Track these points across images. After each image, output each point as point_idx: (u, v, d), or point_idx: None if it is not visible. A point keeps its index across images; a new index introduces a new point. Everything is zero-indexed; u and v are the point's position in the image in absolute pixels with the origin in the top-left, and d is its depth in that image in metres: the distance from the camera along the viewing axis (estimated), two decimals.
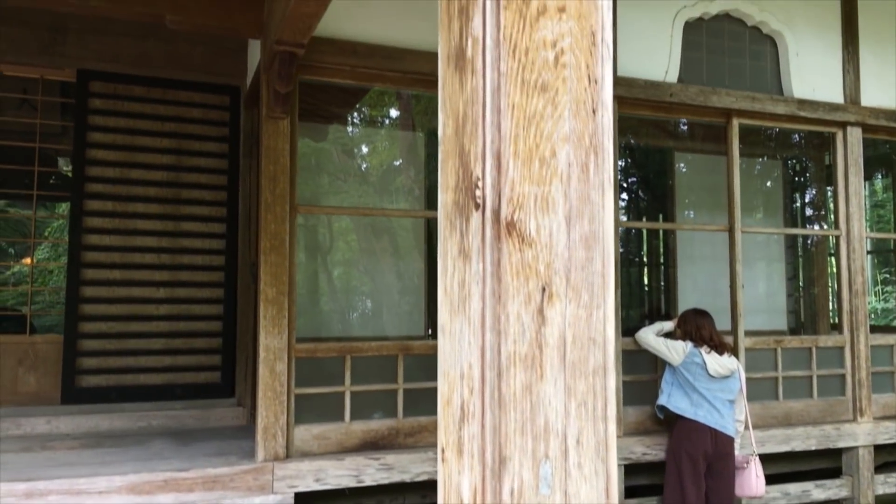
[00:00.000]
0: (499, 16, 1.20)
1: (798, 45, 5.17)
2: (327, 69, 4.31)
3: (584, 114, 1.24)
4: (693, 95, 4.83)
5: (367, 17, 4.37)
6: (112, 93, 4.85)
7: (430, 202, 6.16)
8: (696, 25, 5.01)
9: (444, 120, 1.36)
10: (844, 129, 5.21)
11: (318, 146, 6.88)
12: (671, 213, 6.81)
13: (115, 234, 4.81)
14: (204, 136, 5.06)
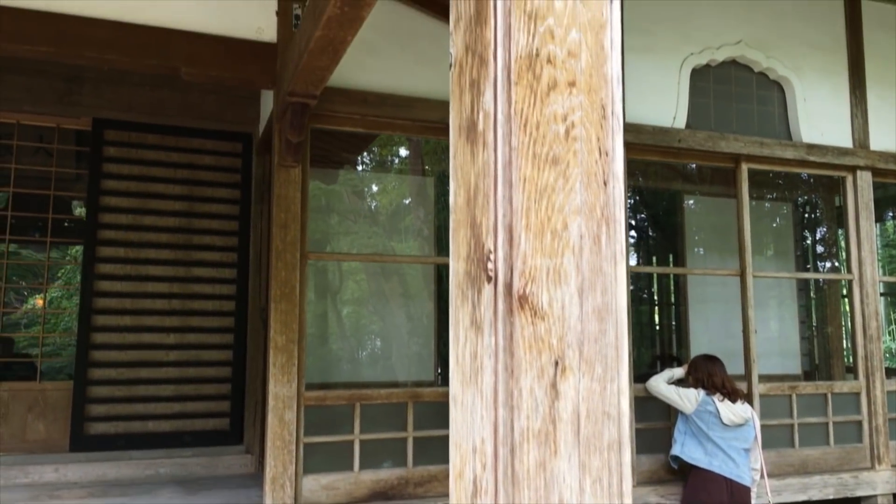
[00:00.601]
0: (510, 91, 1.22)
1: (805, 90, 5.20)
2: (338, 118, 4.37)
3: (595, 186, 1.25)
4: (701, 141, 4.85)
5: (377, 68, 4.44)
6: (126, 141, 4.92)
7: (440, 242, 6.17)
8: (703, 72, 5.06)
9: (456, 189, 1.37)
10: (854, 173, 5.21)
11: (329, 188, 6.94)
12: (681, 254, 6.79)
13: (127, 280, 4.83)
14: (216, 183, 5.11)
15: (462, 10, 1.36)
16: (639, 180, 7.04)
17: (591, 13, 1.26)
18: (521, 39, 1.22)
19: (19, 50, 3.76)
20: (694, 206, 7.26)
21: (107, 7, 3.89)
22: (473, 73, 1.31)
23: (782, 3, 5.22)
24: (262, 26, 4.23)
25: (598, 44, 1.27)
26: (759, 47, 5.12)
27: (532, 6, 1.23)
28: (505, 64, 1.23)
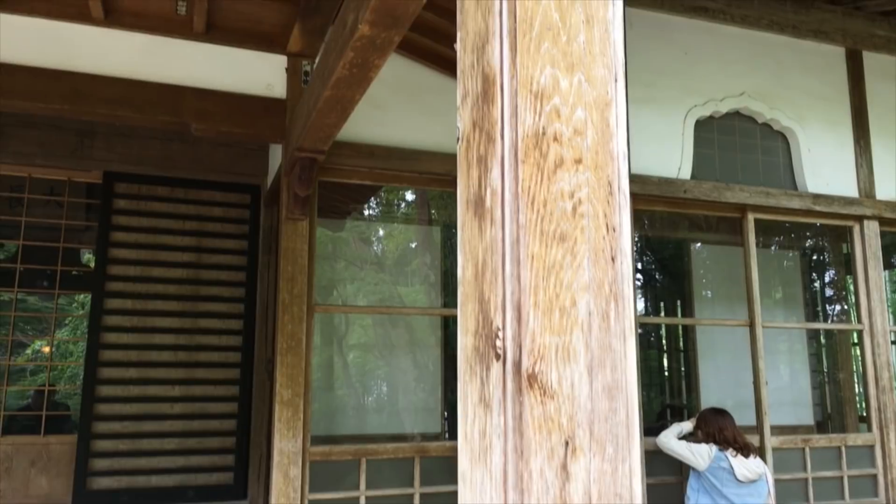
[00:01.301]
0: (517, 169, 1.23)
1: (809, 140, 5.24)
2: (346, 170, 4.41)
3: (602, 262, 1.25)
4: (707, 191, 4.87)
5: (383, 122, 4.50)
6: (136, 193, 4.97)
7: (446, 288, 6.16)
8: (707, 123, 5.11)
9: (464, 263, 1.37)
10: (861, 223, 5.21)
11: (335, 235, 6.97)
12: (689, 301, 6.76)
13: (134, 332, 4.83)
14: (224, 234, 5.15)
15: (469, 87, 1.38)
16: (644, 224, 7.05)
17: (596, 92, 1.28)
18: (528, 119, 1.24)
19: (33, 107, 3.83)
20: (701, 252, 7.26)
21: (119, 65, 3.97)
22: (481, 150, 1.32)
23: (784, 56, 5.29)
24: (272, 82, 4.31)
25: (604, 121, 1.28)
26: (762, 99, 5.18)
27: (538, 87, 1.25)
28: (512, 143, 1.24)
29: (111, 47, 3.97)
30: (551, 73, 1.26)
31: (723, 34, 5.15)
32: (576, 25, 1.28)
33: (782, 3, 5.20)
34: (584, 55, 1.28)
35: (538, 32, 1.26)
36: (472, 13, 1.39)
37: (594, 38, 1.29)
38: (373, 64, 2.80)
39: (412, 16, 2.43)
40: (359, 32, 2.53)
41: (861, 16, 5.41)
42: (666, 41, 5.01)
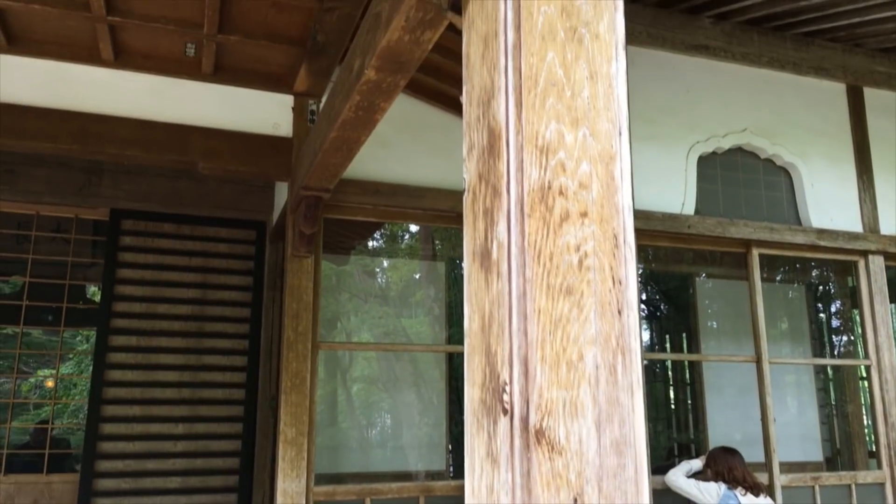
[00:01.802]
0: (523, 223, 1.24)
1: (812, 175, 5.26)
2: (351, 207, 4.44)
3: (609, 315, 1.25)
4: (711, 227, 4.87)
5: (389, 159, 4.54)
6: (143, 230, 5.00)
7: (451, 318, 6.15)
8: (709, 159, 5.14)
9: (471, 314, 1.37)
10: (866, 258, 5.20)
11: (340, 268, 6.98)
12: (695, 334, 6.73)
13: (138, 369, 4.82)
14: (229, 270, 5.16)
15: (475, 139, 1.40)
16: (649, 257, 7.05)
17: (601, 146, 1.29)
18: (534, 173, 1.25)
19: (42, 147, 3.88)
20: (706, 284, 7.24)
21: (128, 105, 4.03)
22: (487, 203, 1.33)
23: (785, 92, 5.34)
24: (279, 121, 4.35)
25: (609, 174, 1.29)
26: (765, 135, 5.21)
27: (544, 141, 1.26)
28: (518, 197, 1.25)
29: (120, 88, 4.03)
30: (556, 128, 1.27)
31: (724, 71, 5.20)
32: (580, 81, 1.30)
33: (782, 40, 5.26)
34: (588, 110, 1.30)
35: (543, 88, 1.28)
36: (477, 68, 1.42)
37: (598, 93, 1.31)
38: (378, 107, 2.83)
39: (418, 61, 2.46)
40: (365, 77, 2.57)
41: (861, 52, 5.47)
42: (668, 79, 5.07)
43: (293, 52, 4.00)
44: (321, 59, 3.99)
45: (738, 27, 5.13)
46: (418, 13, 2.13)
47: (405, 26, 2.21)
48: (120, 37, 3.84)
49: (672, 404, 7.80)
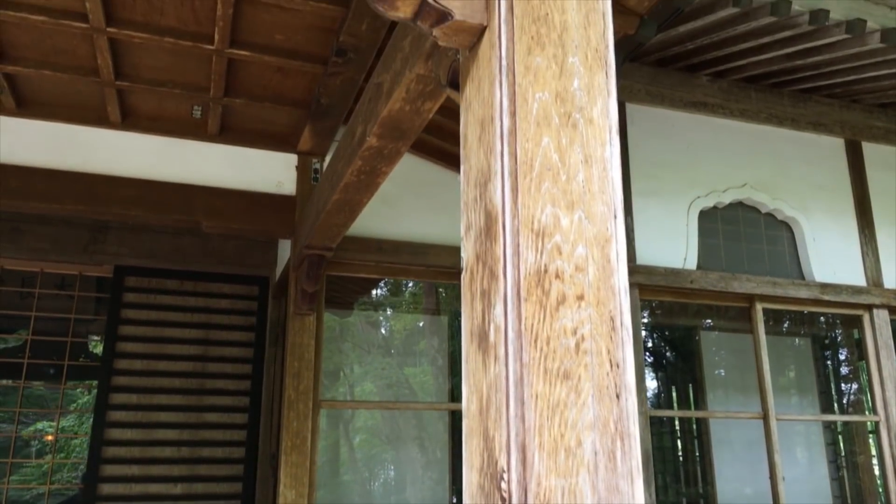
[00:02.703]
0: (520, 307, 1.24)
1: (814, 230, 5.27)
2: (354, 265, 4.46)
3: (607, 400, 1.25)
4: (714, 281, 4.87)
5: (391, 216, 4.57)
6: (146, 286, 5.01)
7: (454, 367, 6.11)
8: (710, 213, 5.16)
9: (469, 395, 1.37)
10: (871, 312, 5.18)
11: (343, 320, 6.97)
12: (701, 388, 6.66)
13: (138, 427, 4.77)
14: (231, 326, 5.15)
15: (472, 220, 1.42)
16: (653, 307, 7.03)
17: (596, 229, 1.31)
18: (530, 257, 1.26)
19: (49, 209, 3.92)
20: (711, 337, 7.19)
21: (134, 166, 4.09)
22: (484, 284, 1.34)
23: (783, 147, 5.39)
24: (282, 180, 4.41)
25: (605, 257, 1.30)
26: (765, 189, 5.24)
27: (540, 225, 1.28)
28: (514, 281, 1.26)
29: (127, 149, 4.09)
30: (552, 212, 1.29)
31: (723, 127, 5.27)
32: (575, 165, 1.32)
33: (780, 97, 5.33)
34: (583, 193, 1.32)
35: (538, 173, 1.30)
36: (474, 150, 1.44)
37: (593, 176, 1.33)
38: (380, 171, 2.87)
39: (419, 129, 2.50)
40: (367, 144, 2.61)
41: (858, 108, 5.54)
42: (667, 135, 5.13)
43: (297, 113, 4.07)
44: (325, 119, 4.06)
45: (736, 84, 5.21)
46: (418, 86, 2.18)
47: (406, 97, 2.26)
48: (128, 100, 3.92)
49: (680, 456, 7.67)
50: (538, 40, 1.36)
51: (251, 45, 3.38)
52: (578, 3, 1.40)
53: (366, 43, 3.31)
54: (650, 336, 7.84)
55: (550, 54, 1.36)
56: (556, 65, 1.36)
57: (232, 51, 3.37)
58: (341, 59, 3.43)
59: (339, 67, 3.51)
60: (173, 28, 3.24)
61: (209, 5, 3.09)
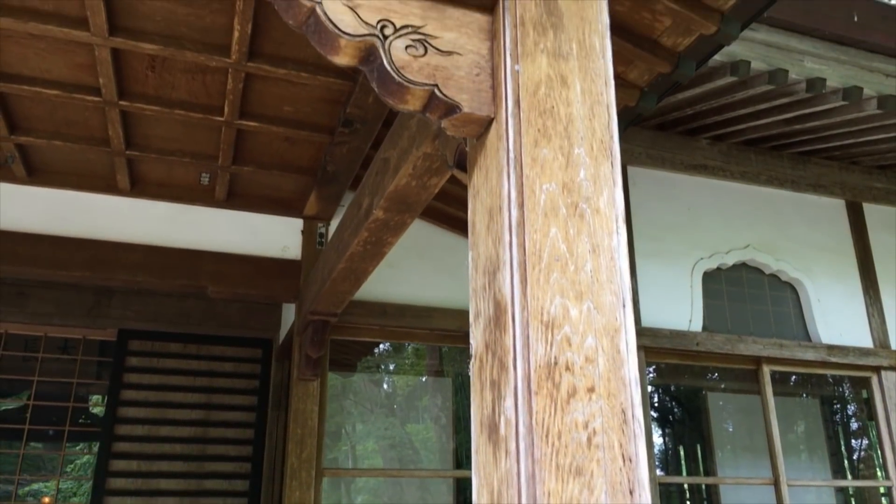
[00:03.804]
0: (530, 401, 1.24)
1: (818, 291, 5.26)
2: (358, 329, 4.45)
3: (620, 496, 1.23)
4: (720, 344, 4.84)
5: (396, 279, 4.58)
6: (149, 350, 4.99)
7: (458, 423, 6.01)
8: (714, 275, 5.16)
9: (479, 488, 1.35)
10: (879, 374, 5.13)
11: (346, 379, 6.91)
12: (710, 450, 6.54)
13: (137, 495, 4.69)
14: (234, 390, 5.10)
15: (481, 308, 1.42)
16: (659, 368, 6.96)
17: (605, 319, 1.31)
18: (540, 349, 1.26)
19: (56, 275, 3.94)
20: (719, 398, 7.11)
21: (141, 232, 4.12)
22: (494, 374, 1.34)
23: (785, 208, 5.42)
24: (288, 244, 4.44)
25: (615, 348, 1.30)
26: (767, 251, 5.26)
27: (549, 316, 1.28)
28: (525, 374, 1.26)
29: (134, 215, 4.13)
30: (561, 303, 1.29)
31: (724, 189, 5.32)
32: (583, 255, 1.33)
33: (779, 159, 5.40)
34: (592, 283, 1.32)
35: (547, 263, 1.31)
36: (482, 237, 1.46)
37: (601, 266, 1.34)
38: (386, 241, 2.89)
39: (425, 202, 2.53)
40: (373, 216, 2.64)
41: (858, 169, 5.60)
42: (669, 198, 5.17)
43: (304, 179, 4.13)
44: (331, 186, 4.11)
45: (735, 147, 5.28)
46: (425, 163, 2.22)
47: (412, 173, 2.29)
48: (137, 168, 3.98)
49: None
50: (544, 132, 1.39)
51: (260, 116, 3.45)
52: (583, 95, 1.43)
53: (372, 114, 3.37)
54: (656, 391, 7.75)
55: (557, 146, 1.39)
56: (562, 156, 1.38)
57: (241, 122, 3.44)
58: (348, 130, 3.49)
59: (346, 137, 3.57)
60: (184, 101, 3.31)
61: (220, 80, 3.17)
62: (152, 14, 2.78)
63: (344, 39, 1.39)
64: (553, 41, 1.45)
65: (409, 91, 1.42)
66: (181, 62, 3.05)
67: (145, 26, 2.83)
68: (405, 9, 1.45)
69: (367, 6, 1.41)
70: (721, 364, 5.13)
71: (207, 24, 2.84)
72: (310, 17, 1.41)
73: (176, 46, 2.89)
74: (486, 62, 1.49)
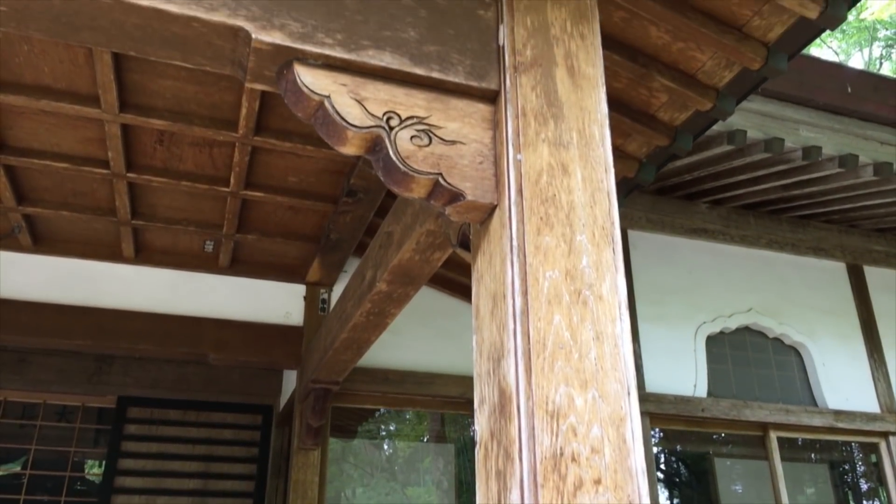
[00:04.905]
0: (536, 494, 1.22)
1: (823, 355, 5.23)
2: (360, 396, 4.41)
3: None
4: (725, 409, 4.79)
5: (398, 345, 4.56)
6: (148, 417, 4.94)
7: (459, 490, 5.88)
8: (718, 339, 5.14)
9: None
10: (886, 440, 5.06)
11: (346, 443, 6.81)
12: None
13: None
14: (233, 458, 5.03)
15: (486, 394, 1.42)
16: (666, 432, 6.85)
17: (610, 408, 1.31)
18: (546, 440, 1.26)
19: (58, 344, 3.94)
20: (725, 465, 6.98)
21: (144, 300, 4.13)
22: (499, 464, 1.33)
23: (786, 271, 5.44)
24: (290, 310, 4.44)
25: (621, 437, 1.30)
26: (770, 314, 5.24)
27: (554, 406, 1.28)
28: (531, 465, 1.25)
29: (137, 283, 4.15)
30: (566, 392, 1.30)
31: (724, 252, 5.34)
32: (587, 343, 1.34)
33: (778, 222, 5.44)
34: (596, 371, 1.33)
35: (551, 352, 1.32)
36: (486, 322, 1.46)
37: (605, 353, 1.35)
38: (389, 313, 2.90)
39: (428, 275, 2.55)
40: (377, 288, 2.65)
41: (857, 233, 5.63)
42: (670, 261, 5.19)
43: (307, 246, 4.16)
44: (334, 253, 4.14)
45: (735, 211, 5.33)
46: (428, 238, 2.24)
47: (416, 248, 2.32)
48: (142, 236, 4.02)
49: None
50: (547, 220, 1.41)
51: (265, 186, 3.50)
52: (584, 183, 1.46)
53: (375, 184, 3.42)
54: (662, 452, 7.62)
55: (559, 233, 1.41)
56: (564, 243, 1.40)
57: (246, 192, 3.49)
58: (352, 199, 3.54)
59: (350, 206, 3.61)
60: (191, 172, 3.37)
61: (227, 153, 3.23)
62: (162, 92, 2.85)
63: (351, 131, 1.43)
64: (554, 131, 1.49)
65: (413, 180, 1.45)
66: (189, 136, 3.11)
67: (155, 103, 2.91)
68: (410, 100, 1.50)
69: (374, 99, 1.46)
70: (727, 430, 5.06)
71: (216, 101, 2.92)
72: (318, 109, 1.45)
73: (184, 122, 2.96)
74: (489, 150, 1.53)
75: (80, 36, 1.40)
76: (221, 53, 1.47)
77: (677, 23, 2.32)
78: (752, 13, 2.29)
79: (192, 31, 1.41)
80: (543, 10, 1.59)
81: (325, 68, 1.45)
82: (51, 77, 2.77)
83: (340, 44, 1.46)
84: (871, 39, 13.19)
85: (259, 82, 1.51)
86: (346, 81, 1.46)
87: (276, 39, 1.41)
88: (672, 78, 2.56)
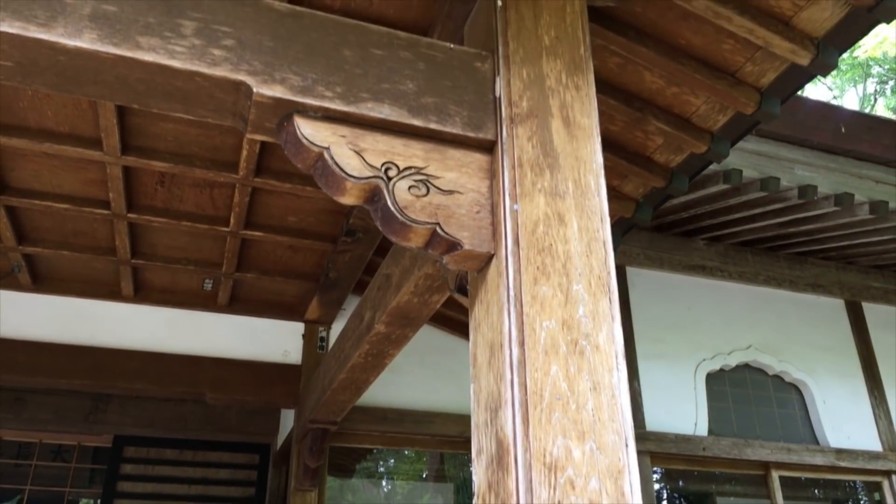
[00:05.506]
0: None
1: (823, 392, 5.21)
2: (358, 435, 4.39)
3: None
4: (727, 448, 4.76)
5: (396, 384, 4.55)
6: (144, 457, 4.88)
7: None
8: (718, 376, 5.12)
9: None
10: (889, 478, 5.01)
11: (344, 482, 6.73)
12: None
13: None
14: (230, 499, 4.97)
15: (483, 444, 1.42)
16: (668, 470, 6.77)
17: (608, 460, 1.31)
18: (543, 493, 1.25)
19: (56, 383, 3.92)
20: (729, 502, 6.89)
21: (142, 338, 4.13)
22: None
23: (785, 308, 5.44)
24: (289, 349, 4.43)
25: (619, 490, 1.29)
26: (770, 351, 5.23)
27: (552, 458, 1.28)
28: None
29: (136, 322, 4.15)
30: (563, 444, 1.29)
31: (723, 289, 5.35)
32: (584, 393, 1.34)
33: (776, 259, 5.45)
34: (594, 422, 1.33)
35: (548, 403, 1.32)
36: (484, 372, 1.47)
37: (602, 404, 1.35)
38: (388, 353, 2.90)
39: (427, 317, 2.55)
40: (375, 330, 2.65)
41: (855, 269, 5.64)
42: (668, 298, 5.20)
43: (306, 285, 4.17)
44: (333, 291, 4.15)
45: (733, 248, 5.35)
46: (426, 281, 2.25)
47: (414, 291, 2.32)
48: (141, 275, 4.03)
49: None
50: (543, 270, 1.42)
51: (265, 226, 3.53)
52: (580, 233, 1.48)
53: (374, 224, 3.44)
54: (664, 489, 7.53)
55: (556, 283, 1.42)
56: (561, 293, 1.41)
57: (246, 232, 3.51)
58: (350, 239, 3.56)
59: (349, 245, 3.63)
60: (191, 213, 3.40)
61: (227, 193, 3.26)
62: (164, 135, 2.89)
63: (350, 182, 1.45)
64: (550, 181, 1.51)
65: (411, 230, 1.47)
66: (190, 178, 3.14)
67: (157, 145, 2.94)
68: (408, 151, 1.52)
69: (372, 150, 1.48)
70: (729, 469, 5.01)
71: (217, 144, 2.95)
72: (318, 160, 1.47)
73: (186, 164, 2.99)
74: (486, 200, 1.55)
75: (84, 90, 1.43)
76: (223, 106, 1.49)
77: (671, 68, 2.36)
78: (744, 59, 2.33)
79: (194, 85, 1.43)
80: (539, 62, 1.63)
81: (325, 120, 1.48)
82: (54, 121, 2.81)
83: (340, 96, 1.48)
84: (865, 76, 13.37)
85: (259, 133, 1.53)
86: (346, 133, 1.48)
87: (277, 93, 1.44)
88: (667, 121, 2.60)
